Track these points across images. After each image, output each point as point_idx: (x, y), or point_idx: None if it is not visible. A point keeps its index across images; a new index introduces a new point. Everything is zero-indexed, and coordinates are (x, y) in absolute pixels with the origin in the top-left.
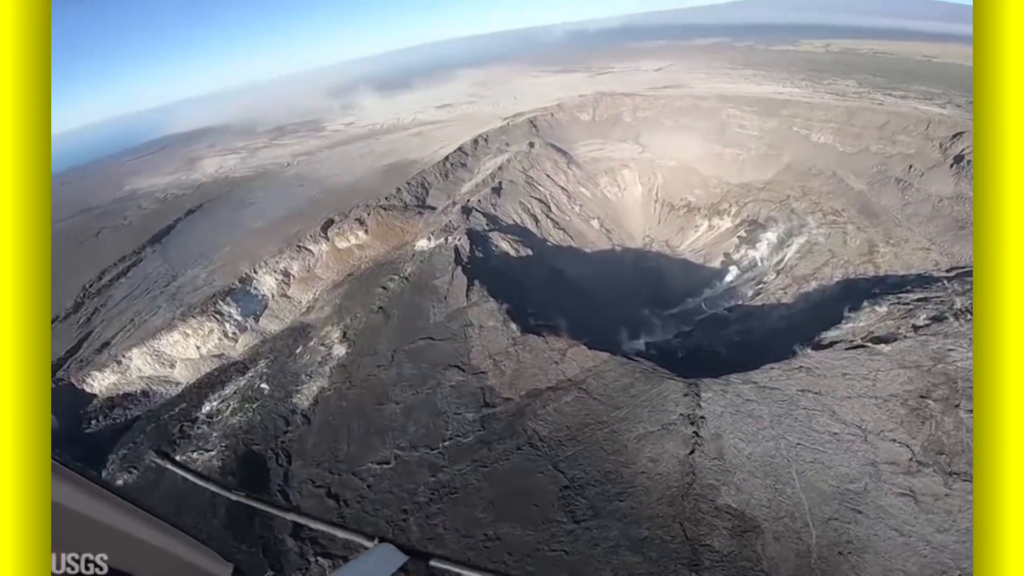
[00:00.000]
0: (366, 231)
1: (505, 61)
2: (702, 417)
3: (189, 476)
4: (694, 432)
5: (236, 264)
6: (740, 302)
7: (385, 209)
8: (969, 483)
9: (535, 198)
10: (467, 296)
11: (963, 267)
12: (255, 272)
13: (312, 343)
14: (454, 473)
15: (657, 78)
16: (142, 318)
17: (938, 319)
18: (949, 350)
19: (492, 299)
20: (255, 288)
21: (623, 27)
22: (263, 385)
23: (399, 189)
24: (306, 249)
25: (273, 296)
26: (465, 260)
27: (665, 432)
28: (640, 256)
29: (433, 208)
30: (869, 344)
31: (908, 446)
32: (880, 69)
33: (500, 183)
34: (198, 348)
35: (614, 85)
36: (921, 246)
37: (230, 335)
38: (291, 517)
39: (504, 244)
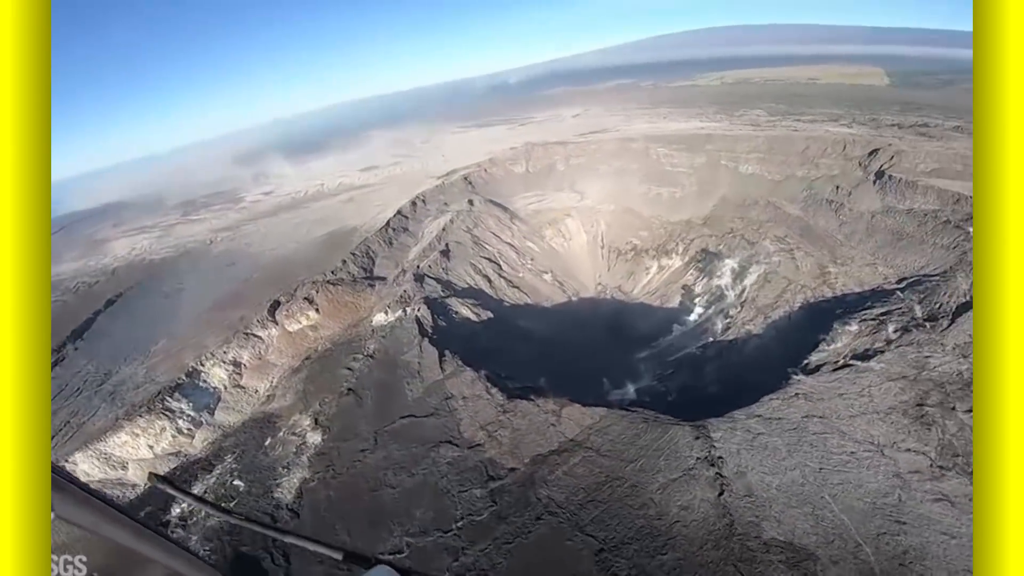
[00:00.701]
0: (317, 310)
1: (419, 119)
2: (720, 457)
3: (188, 499)
4: (717, 473)
5: (179, 357)
6: (711, 338)
7: (334, 284)
8: None
9: (484, 258)
10: (441, 368)
11: (910, 277)
12: (202, 364)
13: (281, 433)
14: (477, 554)
15: (579, 124)
16: (79, 420)
17: (906, 329)
18: (927, 358)
19: (468, 367)
20: (204, 381)
21: (541, 75)
22: (236, 482)
23: (345, 261)
24: (254, 336)
25: (226, 388)
26: (429, 331)
27: (688, 478)
28: (597, 304)
29: (383, 278)
30: (853, 362)
31: (924, 454)
32: (777, 96)
33: (447, 245)
34: (151, 447)
35: (539, 135)
36: (867, 262)
37: (185, 431)
38: (288, 539)
39: (464, 309)
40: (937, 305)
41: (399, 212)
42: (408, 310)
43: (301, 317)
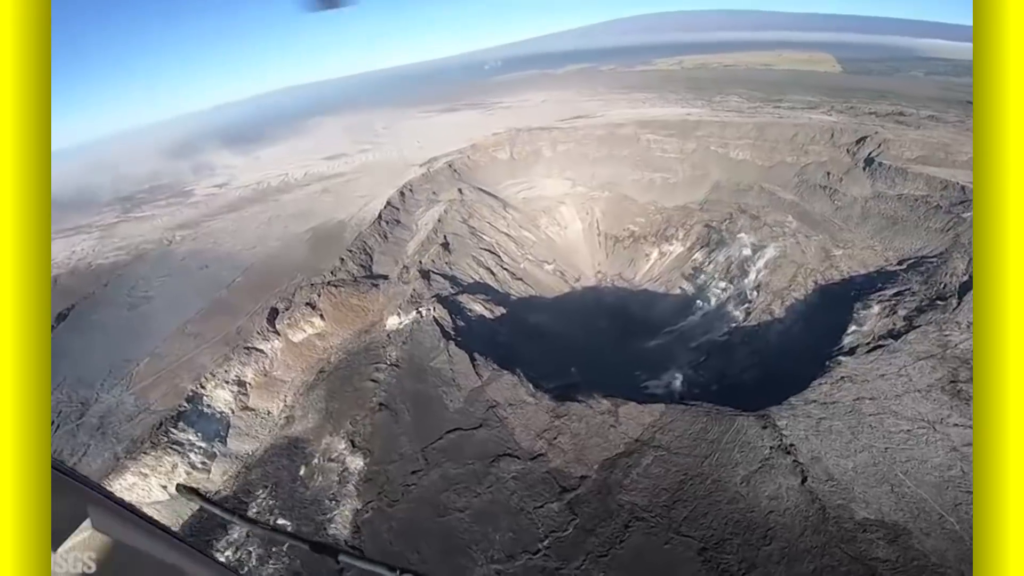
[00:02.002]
0: (322, 317)
1: (371, 104)
2: (792, 445)
3: (215, 510)
4: (794, 461)
5: (171, 380)
6: (732, 324)
7: (335, 286)
8: None
9: (484, 249)
10: (476, 373)
11: (910, 258)
12: (203, 387)
13: (316, 460)
14: (575, 573)
15: (553, 109)
16: (70, 462)
17: (920, 310)
18: (947, 336)
19: (505, 371)
20: (208, 406)
21: (491, 60)
22: (281, 520)
23: (343, 259)
24: (256, 350)
25: (233, 412)
26: (452, 333)
27: (768, 468)
28: (601, 294)
29: (385, 277)
30: (882, 343)
31: (971, 427)
32: (744, 81)
33: (445, 238)
34: (164, 488)
35: (514, 119)
36: (866, 245)
37: (199, 465)
38: (308, 545)
39: (477, 306)
40: (941, 285)
41: (389, 203)
42: (423, 311)
43: (305, 325)
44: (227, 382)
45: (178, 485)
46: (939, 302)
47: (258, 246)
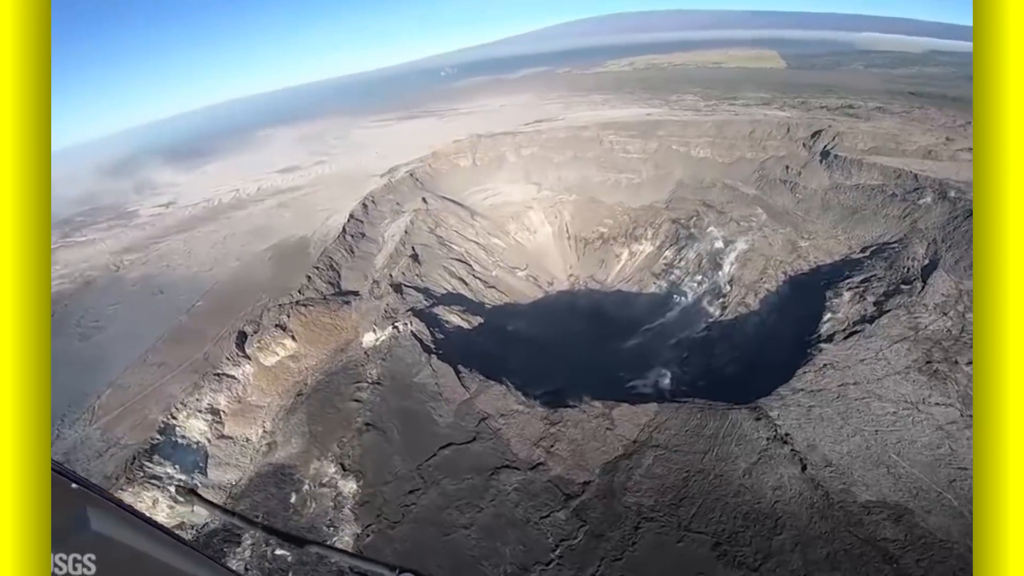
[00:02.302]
0: (293, 338)
1: (320, 115)
2: (787, 434)
3: (216, 511)
4: (791, 450)
5: (139, 411)
6: (709, 320)
7: (305, 306)
8: None
9: (455, 259)
10: (463, 385)
11: (872, 245)
12: (174, 417)
13: (307, 487)
14: None
15: (515, 113)
16: None
17: (887, 294)
18: (916, 319)
19: (493, 381)
20: (183, 437)
21: (441, 67)
22: (279, 552)
23: (310, 277)
24: (227, 376)
25: (210, 441)
26: (432, 346)
27: (767, 459)
28: (575, 296)
29: (355, 293)
30: (856, 328)
31: (951, 405)
32: (697, 80)
33: (414, 249)
34: None
35: (474, 125)
36: (830, 235)
37: (182, 499)
38: (313, 549)
39: (454, 317)
40: (905, 270)
41: (352, 216)
42: (400, 326)
43: (277, 348)
44: (200, 411)
45: (177, 487)
46: (904, 286)
47: (215, 267)
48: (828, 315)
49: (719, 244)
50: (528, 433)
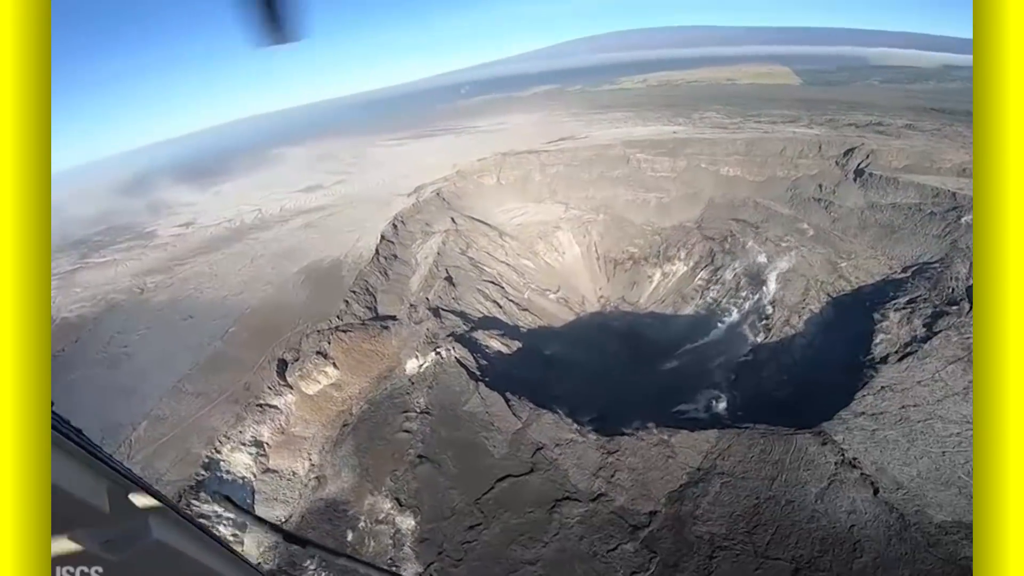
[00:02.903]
0: (335, 365)
1: (333, 133)
2: (854, 458)
3: (246, 519)
4: (861, 474)
5: (180, 444)
6: (755, 342)
7: (345, 332)
8: None
9: (488, 281)
10: (514, 414)
11: (913, 265)
12: (218, 451)
13: (363, 523)
14: None
15: (536, 131)
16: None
17: (935, 316)
18: (967, 339)
19: (544, 410)
20: (228, 472)
21: (451, 85)
22: None
23: (347, 302)
24: (269, 406)
25: (255, 476)
26: (478, 373)
27: (838, 483)
28: (608, 319)
29: (393, 317)
30: (908, 350)
31: None
32: (713, 97)
33: (447, 272)
34: None
35: (494, 143)
36: (869, 255)
37: (231, 538)
38: (341, 562)
39: (494, 342)
40: (950, 290)
41: (383, 238)
42: (443, 352)
43: (319, 376)
44: (243, 443)
45: (213, 492)
46: (951, 307)
47: (246, 291)
48: (880, 336)
49: (759, 264)
50: (585, 463)
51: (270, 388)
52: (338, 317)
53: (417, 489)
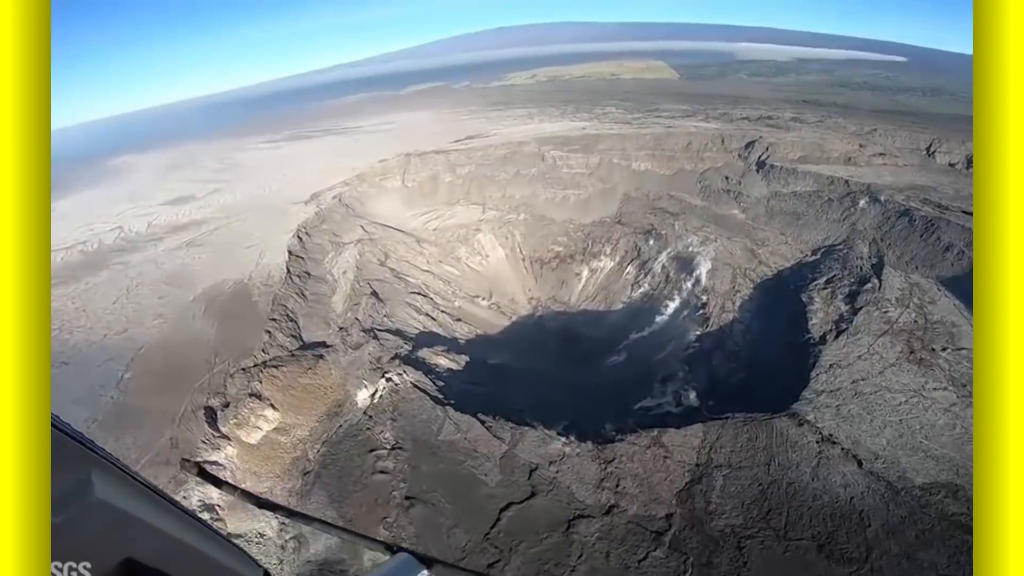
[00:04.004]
0: (272, 406)
1: (186, 137)
2: (831, 435)
3: (221, 489)
4: (842, 449)
5: None
6: (698, 331)
7: (276, 367)
8: None
9: (415, 293)
10: (496, 436)
11: (820, 247)
12: None
13: None
14: None
15: (434, 129)
16: None
17: (852, 294)
18: (887, 313)
19: (526, 427)
20: None
21: (323, 83)
22: None
23: (270, 332)
24: (208, 463)
25: None
26: (441, 396)
27: (825, 460)
28: (544, 321)
29: (324, 343)
30: (842, 327)
31: (947, 389)
32: (603, 92)
33: (371, 287)
34: None
35: (388, 143)
36: (781, 241)
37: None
38: (314, 526)
39: (442, 359)
40: (859, 269)
41: (291, 253)
42: (394, 377)
43: (258, 421)
44: (196, 509)
45: (182, 460)
46: (864, 285)
47: (132, 328)
48: (815, 318)
49: (685, 255)
50: (586, 476)
51: (204, 442)
52: (263, 351)
53: (417, 534)
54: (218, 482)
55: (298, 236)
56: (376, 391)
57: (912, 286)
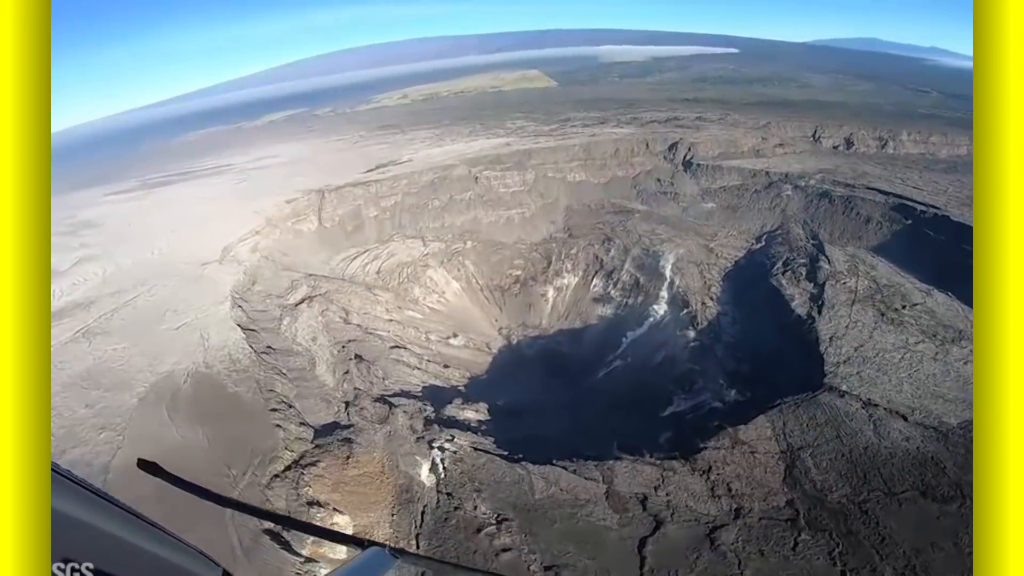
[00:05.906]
0: (337, 510)
1: None
2: (869, 399)
3: (179, 486)
4: (884, 409)
5: None
6: (691, 329)
7: (313, 466)
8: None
9: (395, 347)
10: (584, 478)
11: (761, 234)
12: None
13: None
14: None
15: (336, 161)
16: None
17: (809, 272)
18: (845, 284)
19: (607, 460)
20: None
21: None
22: None
23: (280, 426)
24: None
25: None
26: (506, 452)
27: (877, 421)
28: (522, 349)
29: (337, 424)
30: (820, 302)
31: (925, 342)
32: (490, 105)
33: (353, 352)
34: None
35: (273, 181)
36: (726, 233)
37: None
38: (281, 523)
39: (468, 413)
40: (802, 250)
41: (243, 328)
42: (446, 445)
43: (330, 527)
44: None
45: (139, 460)
46: (815, 264)
47: (77, 448)
48: (793, 300)
49: (649, 260)
50: (696, 490)
51: (298, 573)
52: (287, 449)
53: None
54: (177, 481)
55: (238, 306)
56: (435, 464)
57: (852, 257)
